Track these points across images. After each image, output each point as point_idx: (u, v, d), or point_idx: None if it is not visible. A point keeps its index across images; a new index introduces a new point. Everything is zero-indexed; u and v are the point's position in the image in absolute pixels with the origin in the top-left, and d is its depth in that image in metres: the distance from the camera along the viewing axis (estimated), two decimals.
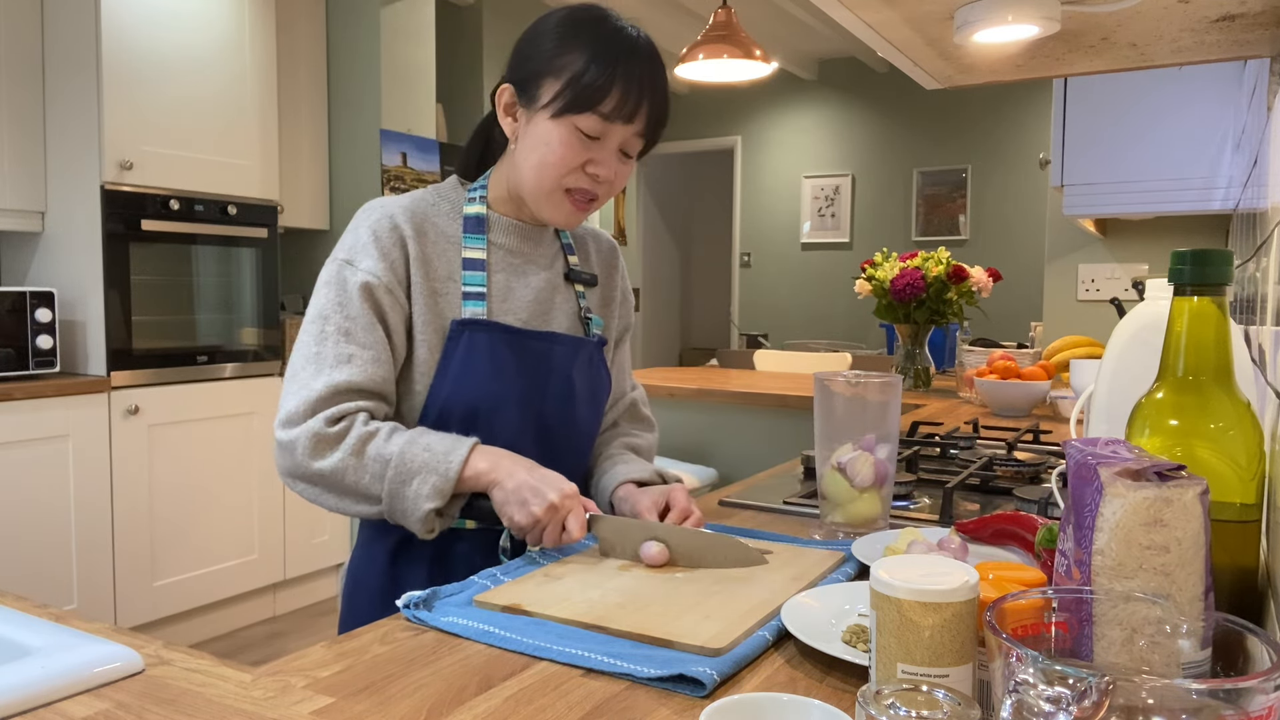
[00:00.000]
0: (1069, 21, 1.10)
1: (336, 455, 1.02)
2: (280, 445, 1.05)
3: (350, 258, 1.09)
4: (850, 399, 1.12)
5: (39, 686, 0.67)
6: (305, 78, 3.80)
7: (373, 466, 1.02)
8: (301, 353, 1.07)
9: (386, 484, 1.02)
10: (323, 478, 1.03)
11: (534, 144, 1.09)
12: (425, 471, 1.01)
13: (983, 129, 6.44)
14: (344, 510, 1.06)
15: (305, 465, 1.03)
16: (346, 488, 1.04)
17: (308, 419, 1.03)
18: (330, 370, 1.05)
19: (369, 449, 1.03)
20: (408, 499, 1.02)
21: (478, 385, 1.10)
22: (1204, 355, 0.71)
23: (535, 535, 1.02)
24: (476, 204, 1.17)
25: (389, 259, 1.09)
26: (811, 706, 0.57)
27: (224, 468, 3.32)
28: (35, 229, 3.12)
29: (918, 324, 2.89)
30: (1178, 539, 0.58)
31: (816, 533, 1.16)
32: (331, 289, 1.08)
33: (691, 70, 3.28)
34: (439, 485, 1.01)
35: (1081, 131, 2.47)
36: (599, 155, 1.09)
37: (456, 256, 1.14)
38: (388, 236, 1.09)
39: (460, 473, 1.02)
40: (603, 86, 1.05)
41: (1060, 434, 1.95)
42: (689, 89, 7.49)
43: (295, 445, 1.03)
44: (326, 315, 1.07)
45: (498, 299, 1.15)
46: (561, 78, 1.06)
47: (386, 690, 0.70)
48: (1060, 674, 0.41)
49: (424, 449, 1.02)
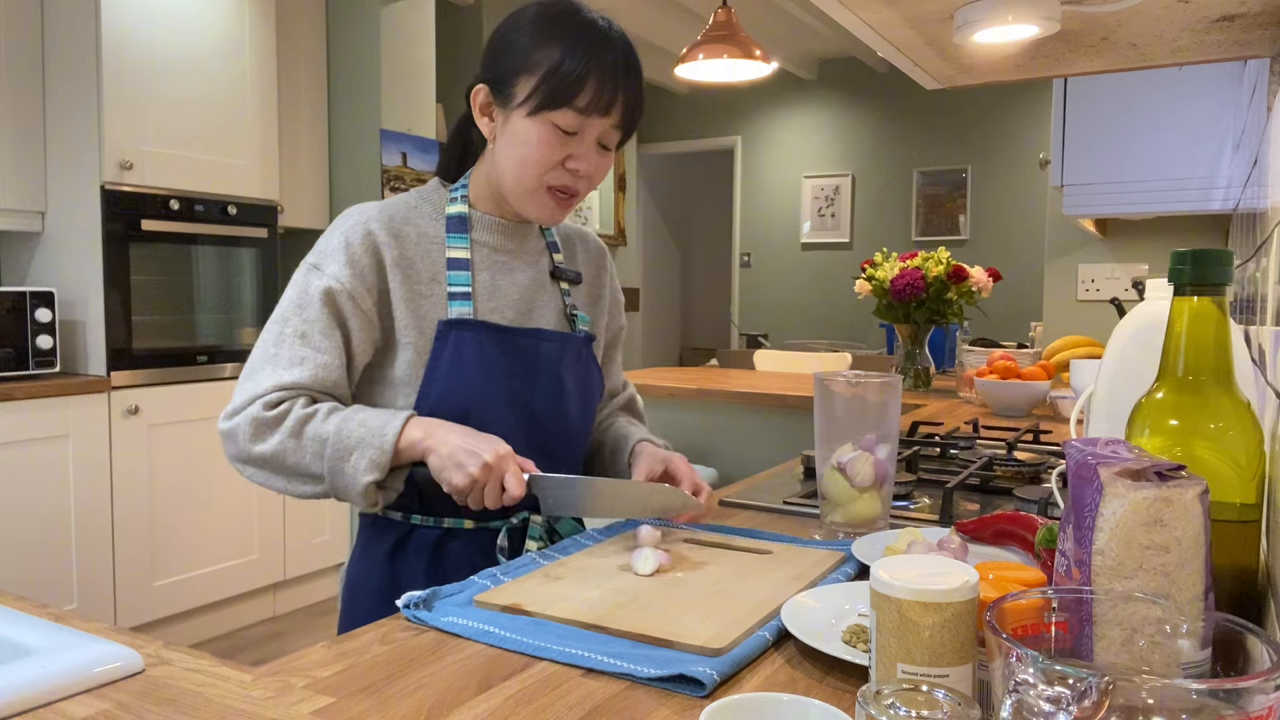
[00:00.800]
0: (1069, 21, 1.10)
1: (276, 438, 1.04)
2: (222, 434, 1.07)
3: (318, 262, 1.11)
4: (850, 399, 1.12)
5: (39, 686, 0.67)
6: (305, 78, 3.80)
7: (311, 446, 1.04)
8: (259, 352, 1.10)
9: (326, 462, 1.04)
10: (265, 460, 1.05)
11: (513, 143, 1.10)
12: (362, 446, 1.03)
13: (983, 129, 6.44)
14: (293, 491, 1.07)
15: (247, 450, 1.05)
16: (289, 469, 1.05)
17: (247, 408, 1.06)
18: (282, 371, 1.07)
19: (307, 429, 1.04)
20: (346, 474, 1.03)
21: (467, 385, 1.11)
22: (1204, 355, 0.71)
23: (476, 497, 1.03)
24: (459, 203, 1.17)
25: (357, 266, 1.10)
26: (811, 706, 0.57)
27: (224, 468, 3.32)
28: (35, 229, 3.12)
29: (918, 324, 2.89)
30: (1178, 539, 0.58)
31: (816, 533, 1.16)
32: (294, 291, 1.10)
33: (691, 70, 3.28)
34: (375, 458, 1.02)
35: (1081, 131, 2.47)
36: (578, 150, 1.09)
37: (440, 257, 1.15)
38: (359, 244, 1.10)
39: (395, 444, 1.03)
40: (578, 81, 1.05)
41: (1060, 434, 1.95)
42: (689, 89, 7.49)
43: (236, 432, 1.06)
44: (286, 318, 1.09)
45: (483, 297, 1.15)
46: (536, 74, 1.06)
47: (386, 690, 0.70)
48: (1060, 674, 0.41)
49: (359, 424, 1.04)
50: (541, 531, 1.15)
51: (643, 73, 1.12)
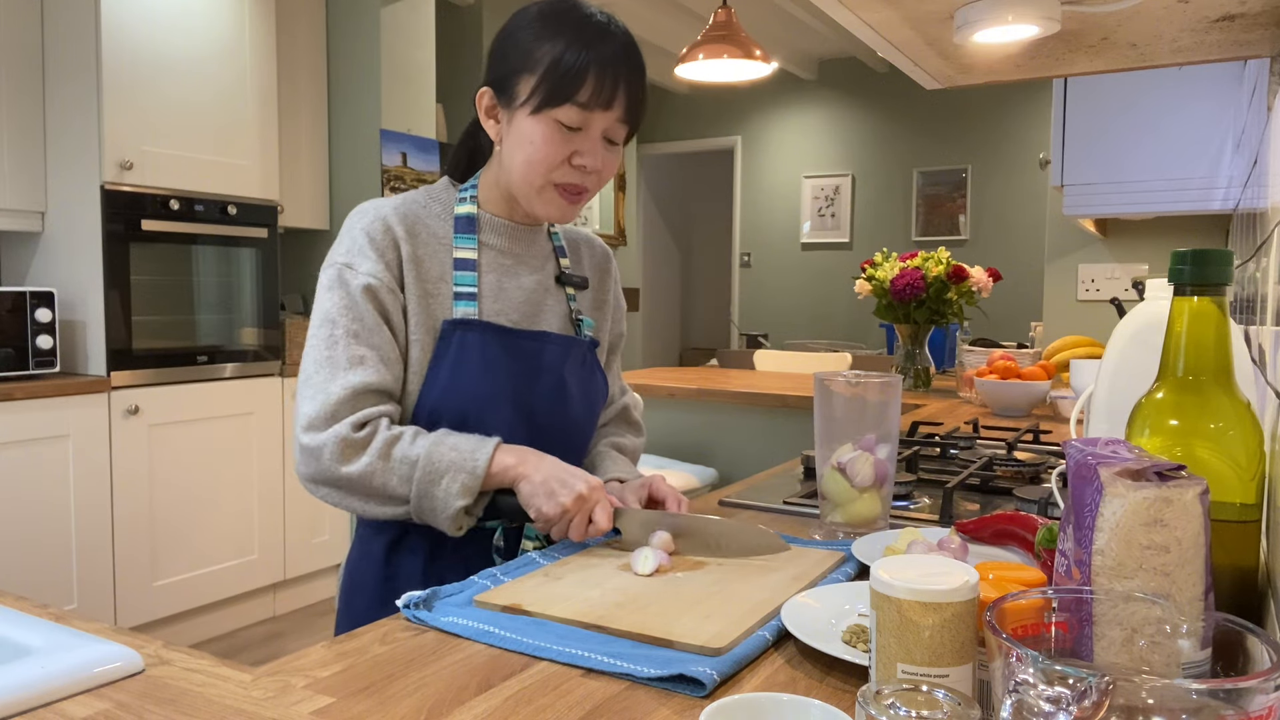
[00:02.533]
0: (1069, 21, 1.10)
1: (364, 459, 1.04)
2: (305, 450, 1.05)
3: (349, 261, 1.10)
4: (850, 399, 1.12)
5: (39, 686, 0.67)
6: (305, 78, 3.80)
7: (400, 469, 1.04)
8: (313, 357, 1.08)
9: (415, 485, 1.04)
10: (350, 482, 1.05)
11: (518, 143, 1.10)
12: (454, 470, 1.03)
13: (983, 129, 6.43)
14: (369, 512, 1.07)
15: (332, 470, 1.04)
16: (373, 490, 1.05)
17: (331, 424, 1.04)
18: (345, 373, 1.06)
19: (395, 451, 1.04)
20: (437, 498, 1.03)
21: (470, 385, 1.11)
22: (1204, 355, 0.71)
23: (561, 528, 1.03)
24: (468, 204, 1.17)
25: (385, 259, 1.10)
26: (811, 706, 0.57)
27: (224, 468, 3.32)
28: (35, 229, 3.12)
29: (918, 324, 2.89)
30: (1178, 539, 0.58)
31: (816, 533, 1.16)
32: (335, 293, 1.09)
33: (691, 70, 3.28)
34: (467, 483, 1.03)
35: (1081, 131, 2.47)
36: (583, 146, 1.09)
37: (448, 257, 1.15)
38: (382, 237, 1.10)
39: (488, 469, 1.04)
40: (578, 75, 1.05)
41: (1060, 434, 1.95)
42: (689, 89, 7.49)
43: (322, 450, 1.04)
44: (334, 319, 1.08)
45: (489, 299, 1.15)
46: (536, 72, 1.06)
47: (386, 690, 0.70)
48: (1060, 674, 0.41)
49: (451, 448, 1.04)
50: (537, 532, 1.15)
51: (645, 66, 1.12)
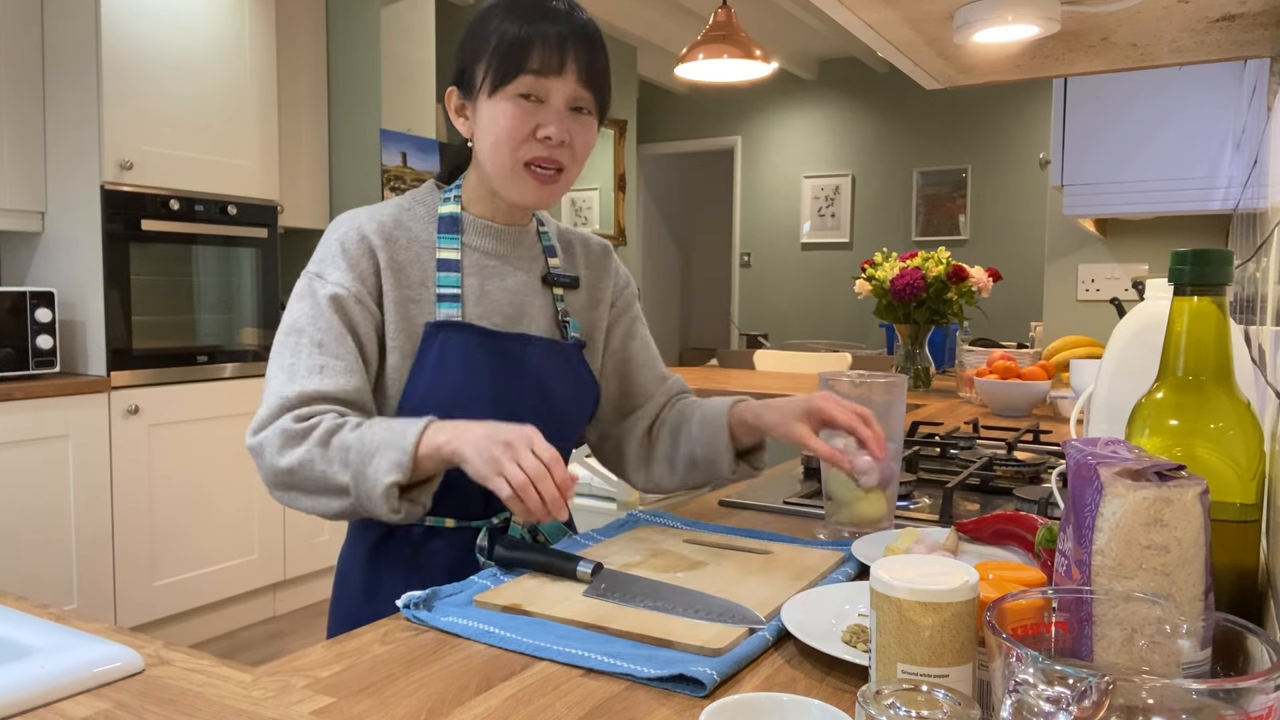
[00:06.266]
0: (1069, 21, 1.10)
1: (303, 448, 1.01)
2: (251, 451, 1.05)
3: (319, 270, 1.10)
4: (855, 399, 1.12)
5: (39, 686, 0.67)
6: (305, 78, 3.80)
7: (337, 455, 1.01)
8: (275, 364, 1.08)
9: (351, 469, 1.01)
10: (291, 473, 1.02)
11: (485, 128, 1.10)
12: (384, 448, 0.99)
13: (983, 129, 6.44)
14: (320, 509, 1.04)
15: (275, 463, 1.02)
16: (316, 480, 1.02)
17: (276, 420, 1.04)
18: (303, 379, 1.05)
19: (334, 440, 1.02)
20: (369, 479, 0.99)
21: (451, 387, 1.10)
22: (1204, 355, 0.71)
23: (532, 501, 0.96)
24: (451, 204, 1.17)
25: (357, 269, 1.10)
26: (811, 706, 0.57)
27: (224, 468, 3.32)
28: (35, 229, 3.12)
29: (918, 324, 2.89)
30: (1178, 539, 0.58)
31: (821, 532, 1.16)
32: (304, 302, 1.09)
33: (691, 70, 3.28)
34: (397, 459, 0.98)
35: (1081, 131, 2.47)
36: (544, 117, 1.09)
37: (431, 260, 1.15)
38: (355, 248, 1.10)
39: (417, 444, 0.99)
40: (523, 46, 1.06)
41: (1060, 434, 1.95)
42: (689, 89, 7.49)
43: (264, 446, 1.03)
44: (300, 328, 1.08)
45: (471, 301, 1.15)
46: (487, 54, 1.08)
47: (386, 690, 0.70)
48: (1060, 674, 0.41)
49: (383, 429, 1.01)
50: (523, 532, 1.15)
51: (599, 31, 1.12)
